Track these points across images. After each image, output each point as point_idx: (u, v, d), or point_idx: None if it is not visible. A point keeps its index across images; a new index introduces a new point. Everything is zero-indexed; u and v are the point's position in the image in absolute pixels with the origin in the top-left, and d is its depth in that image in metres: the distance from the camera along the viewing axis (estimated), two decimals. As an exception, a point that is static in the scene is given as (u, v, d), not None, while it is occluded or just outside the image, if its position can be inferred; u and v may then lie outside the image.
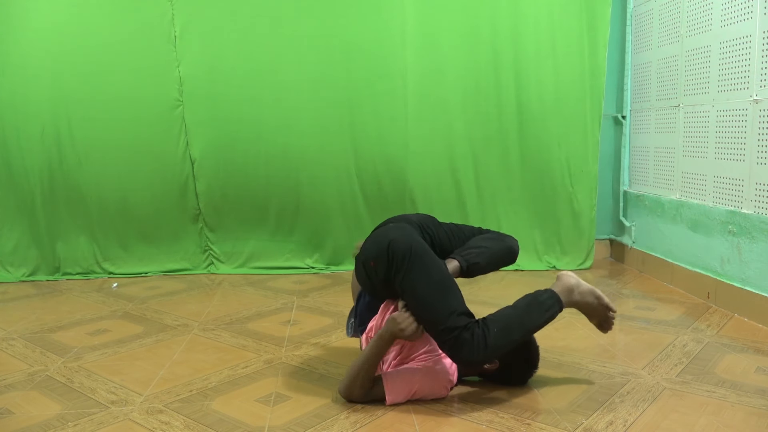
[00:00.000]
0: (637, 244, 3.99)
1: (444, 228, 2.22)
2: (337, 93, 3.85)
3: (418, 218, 2.20)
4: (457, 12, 3.82)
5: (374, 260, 1.98)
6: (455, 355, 1.91)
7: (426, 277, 1.92)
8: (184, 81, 3.78)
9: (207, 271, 4.07)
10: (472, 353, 1.87)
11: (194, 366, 2.40)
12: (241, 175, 3.90)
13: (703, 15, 3.23)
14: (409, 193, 3.96)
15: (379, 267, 1.97)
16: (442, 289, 1.93)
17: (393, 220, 2.20)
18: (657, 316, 3.00)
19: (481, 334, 1.88)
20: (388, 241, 1.97)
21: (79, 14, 3.68)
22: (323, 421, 1.92)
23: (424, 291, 1.91)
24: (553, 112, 3.90)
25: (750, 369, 2.30)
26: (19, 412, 2.01)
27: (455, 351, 1.89)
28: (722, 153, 3.09)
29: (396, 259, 1.93)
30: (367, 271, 2.03)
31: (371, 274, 2.02)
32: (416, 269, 1.92)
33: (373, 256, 1.99)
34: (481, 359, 1.90)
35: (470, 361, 1.91)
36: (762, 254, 2.81)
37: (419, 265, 1.93)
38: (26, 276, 3.88)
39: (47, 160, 3.78)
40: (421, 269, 1.93)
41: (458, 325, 1.88)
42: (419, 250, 1.96)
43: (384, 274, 1.96)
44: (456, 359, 1.94)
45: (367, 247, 2.06)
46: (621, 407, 1.99)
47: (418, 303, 1.92)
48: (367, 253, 2.03)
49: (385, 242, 1.97)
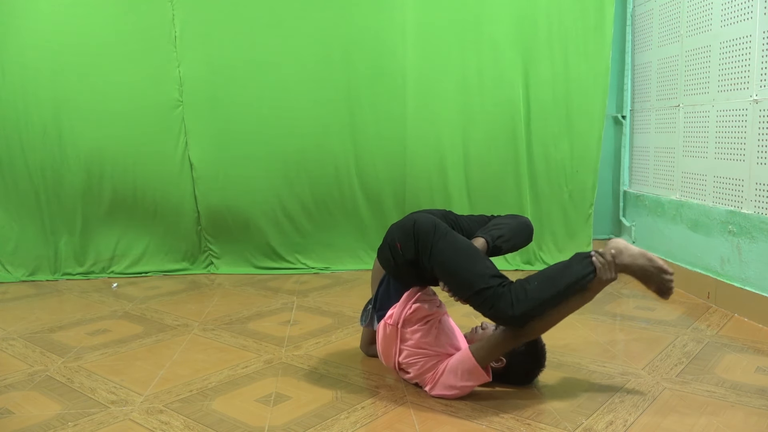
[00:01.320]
0: (637, 244, 3.98)
1: (464, 217, 2.33)
2: (337, 93, 3.85)
3: (440, 211, 2.29)
4: (458, 11, 3.81)
5: (400, 241, 2.05)
6: (495, 311, 1.89)
7: (453, 248, 1.98)
8: (184, 81, 3.78)
9: (207, 271, 4.07)
10: (512, 306, 1.86)
11: (194, 366, 2.40)
12: (240, 174, 3.90)
13: (703, 15, 3.23)
14: (409, 192, 3.96)
15: (405, 248, 2.03)
16: (471, 256, 1.98)
17: (411, 214, 2.26)
18: (657, 316, 3.00)
19: (519, 286, 1.90)
20: (413, 222, 2.05)
21: (80, 14, 3.68)
22: (323, 421, 1.92)
23: (452, 261, 1.96)
24: (555, 112, 3.90)
25: (750, 369, 2.30)
26: (19, 412, 2.01)
27: (494, 305, 1.88)
28: (722, 153, 3.09)
29: (421, 237, 2.00)
30: (393, 253, 2.08)
31: (397, 256, 2.06)
32: (442, 243, 1.98)
33: (400, 238, 2.06)
34: (522, 311, 1.87)
35: (511, 315, 1.87)
36: (762, 254, 2.81)
37: (444, 240, 1.99)
38: (26, 276, 3.88)
39: (48, 160, 3.78)
40: (446, 243, 1.99)
41: (492, 284, 1.91)
42: (443, 228, 2.04)
43: (411, 254, 2.02)
44: (496, 315, 1.91)
45: (392, 231, 2.12)
46: (621, 407, 1.99)
47: (449, 273, 1.97)
48: (392, 236, 2.09)
49: (410, 223, 2.06)
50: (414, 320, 2.05)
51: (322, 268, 4.07)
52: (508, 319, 1.90)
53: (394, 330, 2.07)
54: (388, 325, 2.08)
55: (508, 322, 1.92)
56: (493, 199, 3.99)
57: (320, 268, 4.07)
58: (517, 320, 1.90)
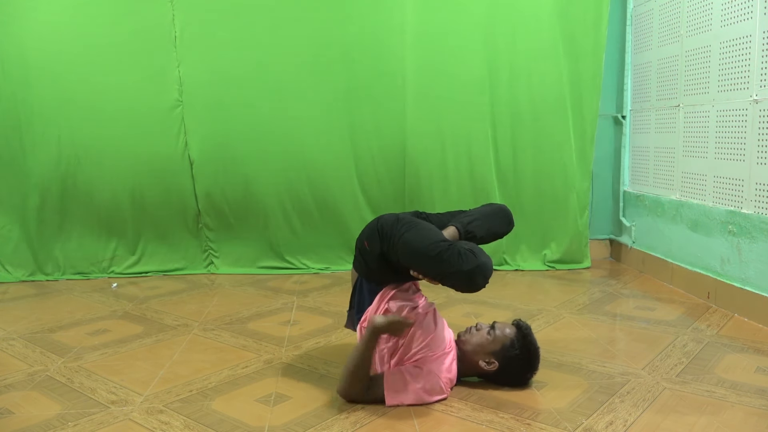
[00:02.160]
0: (637, 244, 3.99)
1: (436, 214, 2.32)
2: (337, 93, 3.85)
3: (409, 212, 2.28)
4: (457, 12, 3.82)
5: (367, 239, 2.10)
6: (461, 266, 1.85)
7: (414, 231, 1.99)
8: (184, 81, 3.78)
9: (207, 271, 4.07)
10: (472, 259, 1.86)
11: (194, 366, 2.40)
12: (240, 175, 3.91)
13: (703, 15, 3.23)
14: (408, 192, 3.96)
15: (372, 243, 2.08)
16: (428, 229, 2.01)
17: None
18: (657, 316, 3.00)
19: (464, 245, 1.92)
20: (377, 219, 2.14)
21: (80, 15, 3.68)
22: (323, 421, 1.92)
23: (413, 236, 1.97)
24: (550, 112, 3.91)
25: (750, 369, 2.30)
26: (19, 412, 2.01)
27: (459, 262, 1.85)
28: (722, 153, 3.09)
29: (385, 230, 2.05)
30: (362, 253, 2.13)
31: (366, 254, 2.11)
32: (404, 229, 2.01)
33: (366, 236, 2.12)
34: (484, 260, 1.87)
35: (480, 264, 1.85)
36: (762, 254, 2.81)
37: (407, 227, 2.02)
38: (26, 276, 3.88)
39: (48, 161, 3.78)
40: (409, 228, 2.01)
41: (446, 246, 1.90)
42: (406, 218, 2.09)
43: (378, 248, 2.06)
44: (462, 271, 1.86)
45: (360, 236, 2.18)
46: (621, 407, 1.99)
47: (411, 246, 1.95)
48: (361, 239, 2.15)
49: (375, 221, 2.14)
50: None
51: (322, 268, 4.07)
52: (476, 271, 1.86)
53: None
54: (363, 328, 2.09)
55: (476, 276, 1.87)
56: (492, 199, 3.98)
57: (320, 268, 4.07)
58: (483, 271, 1.88)
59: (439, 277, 1.93)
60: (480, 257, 1.88)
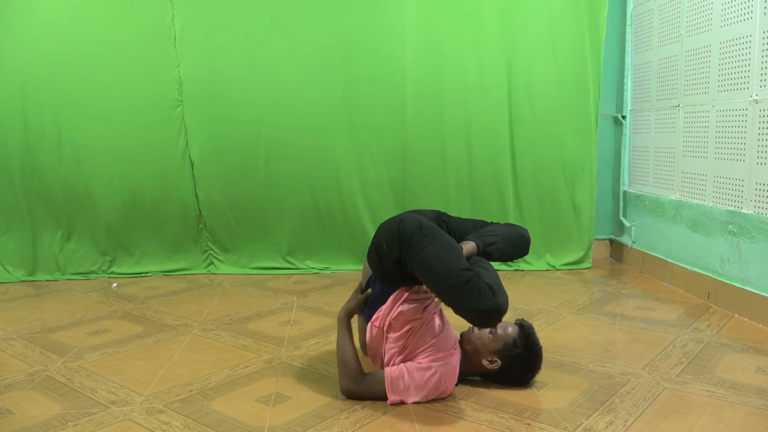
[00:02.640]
0: (637, 244, 3.99)
1: (458, 219, 2.28)
2: (337, 93, 3.85)
3: (432, 211, 2.26)
4: (456, 12, 3.82)
5: (387, 241, 2.01)
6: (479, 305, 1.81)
7: (436, 249, 1.92)
8: (184, 81, 3.78)
9: (207, 271, 4.07)
10: (491, 299, 1.81)
11: (194, 366, 2.40)
12: (240, 175, 3.90)
13: (703, 15, 3.23)
14: (409, 192, 3.97)
15: (391, 247, 1.99)
16: (451, 249, 1.93)
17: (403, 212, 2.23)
18: (657, 316, 3.00)
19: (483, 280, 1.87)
20: (399, 221, 2.03)
21: (79, 14, 3.67)
22: (323, 421, 1.92)
23: (435, 253, 1.90)
24: (551, 112, 3.91)
25: (750, 369, 2.30)
26: (19, 412, 2.01)
27: (478, 299, 1.81)
28: (722, 153, 3.09)
29: (406, 236, 1.96)
30: (380, 254, 2.04)
31: (383, 256, 2.02)
32: (426, 243, 1.93)
33: (386, 237, 2.02)
34: (502, 301, 1.84)
35: (497, 305, 1.82)
36: (762, 254, 2.81)
37: (429, 239, 1.94)
38: (26, 276, 3.88)
39: (47, 161, 3.78)
40: (430, 242, 1.93)
41: (468, 278, 1.83)
42: (428, 228, 1.99)
43: (396, 254, 1.98)
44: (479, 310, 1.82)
45: (379, 231, 2.09)
46: (621, 407, 1.99)
47: (431, 264, 1.89)
48: (379, 237, 2.06)
49: (396, 222, 2.03)
50: (397, 326, 2.03)
51: (322, 268, 4.07)
52: (491, 309, 1.82)
53: (380, 333, 2.08)
54: (374, 327, 2.09)
55: (489, 313, 1.83)
56: (492, 199, 3.99)
57: (320, 268, 4.07)
58: (498, 310, 1.84)
59: (452, 305, 1.87)
60: (499, 297, 1.83)
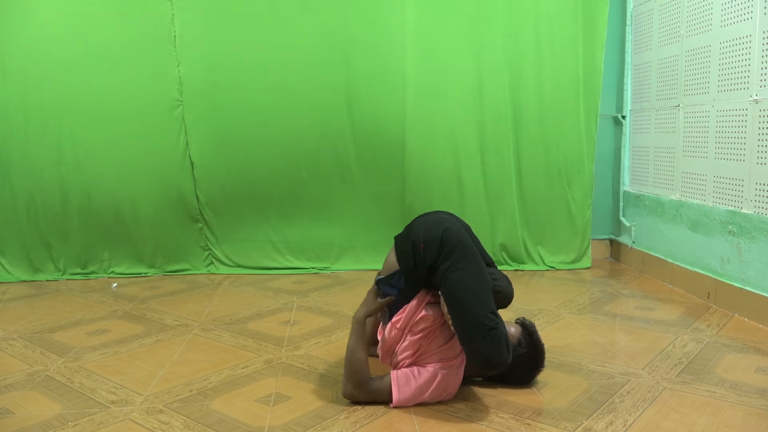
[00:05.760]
0: (637, 244, 3.99)
1: (477, 241, 2.23)
2: (337, 92, 3.85)
3: (461, 221, 2.21)
4: (456, 11, 3.82)
5: (425, 243, 1.98)
6: (492, 355, 1.86)
7: (470, 276, 1.92)
8: (184, 81, 3.78)
9: (207, 271, 4.07)
10: (504, 355, 1.88)
11: (194, 366, 2.40)
12: (241, 174, 3.90)
13: (703, 15, 3.23)
14: (408, 192, 3.96)
15: (428, 251, 1.97)
16: (485, 286, 1.95)
17: (439, 213, 2.21)
18: (657, 316, 3.00)
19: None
20: (443, 229, 1.99)
21: (79, 15, 3.68)
22: (323, 421, 1.92)
23: (470, 282, 1.91)
24: (550, 112, 3.92)
25: (750, 369, 2.31)
26: (19, 412, 2.01)
27: (494, 349, 1.85)
28: (722, 153, 3.09)
29: (447, 248, 1.94)
30: (414, 253, 2.01)
31: (418, 258, 1.99)
32: (464, 264, 1.93)
33: (425, 240, 1.99)
34: (509, 358, 1.90)
35: (505, 362, 1.89)
36: (762, 254, 2.81)
37: (466, 262, 1.94)
38: (26, 276, 3.88)
39: (47, 161, 3.78)
40: (467, 266, 1.94)
41: (494, 325, 1.87)
42: (469, 245, 1.99)
43: (431, 259, 1.96)
44: (490, 359, 1.88)
45: (417, 228, 2.05)
46: (621, 407, 1.99)
47: (463, 293, 1.90)
48: (418, 234, 2.02)
49: (440, 229, 1.99)
50: (417, 329, 2.02)
51: (322, 268, 4.07)
52: (498, 362, 1.88)
53: (399, 334, 2.05)
54: (395, 327, 2.07)
55: (496, 363, 1.89)
56: (492, 200, 3.99)
57: (320, 268, 4.07)
58: (502, 363, 1.89)
59: (464, 339, 1.89)
60: (509, 355, 1.89)
